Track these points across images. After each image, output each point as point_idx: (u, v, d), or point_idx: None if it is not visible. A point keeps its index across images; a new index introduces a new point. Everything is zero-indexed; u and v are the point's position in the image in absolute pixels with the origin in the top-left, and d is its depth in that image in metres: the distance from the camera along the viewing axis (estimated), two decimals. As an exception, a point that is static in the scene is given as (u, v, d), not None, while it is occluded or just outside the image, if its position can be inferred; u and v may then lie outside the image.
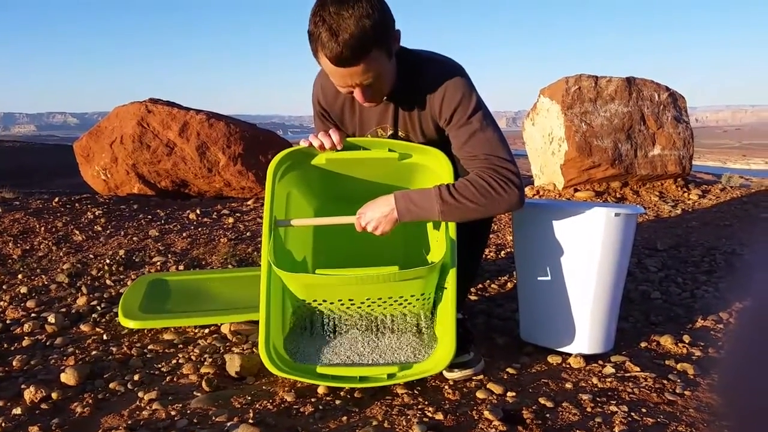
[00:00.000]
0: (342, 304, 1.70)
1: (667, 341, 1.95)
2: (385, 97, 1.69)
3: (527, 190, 4.81)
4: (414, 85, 1.67)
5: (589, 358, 1.80)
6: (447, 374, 1.69)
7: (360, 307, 1.72)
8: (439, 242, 1.77)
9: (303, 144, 1.73)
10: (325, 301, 1.70)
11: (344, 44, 1.42)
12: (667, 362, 1.80)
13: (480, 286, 2.55)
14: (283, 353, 1.66)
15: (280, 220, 1.77)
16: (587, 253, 1.74)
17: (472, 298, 2.41)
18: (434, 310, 1.79)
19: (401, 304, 1.70)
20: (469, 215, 1.61)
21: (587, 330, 1.80)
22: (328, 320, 1.75)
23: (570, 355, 1.82)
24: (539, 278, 1.85)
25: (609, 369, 1.74)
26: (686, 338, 1.96)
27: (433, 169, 1.75)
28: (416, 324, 1.77)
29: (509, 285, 2.55)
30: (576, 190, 4.58)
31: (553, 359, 1.82)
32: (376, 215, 1.64)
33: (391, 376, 1.59)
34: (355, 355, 1.68)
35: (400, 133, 1.79)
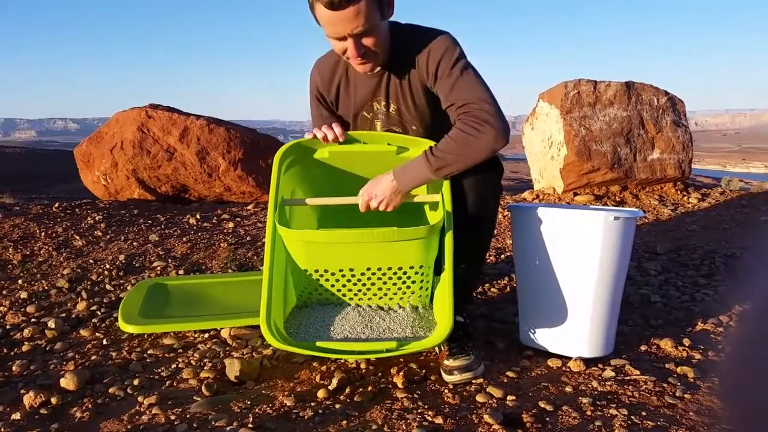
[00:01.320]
0: (343, 275, 1.72)
1: (667, 344, 1.95)
2: (378, 68, 1.78)
3: (527, 194, 4.81)
4: (403, 54, 1.76)
5: (589, 362, 1.80)
6: (447, 378, 1.69)
7: (360, 280, 1.73)
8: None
9: (308, 137, 1.82)
10: (326, 271, 1.71)
11: None
12: (667, 365, 1.80)
13: (480, 289, 2.55)
14: (282, 331, 1.68)
15: (287, 199, 1.84)
16: (587, 257, 1.74)
17: (473, 301, 2.41)
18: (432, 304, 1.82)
19: (400, 278, 1.72)
20: (457, 166, 1.67)
21: (587, 333, 1.80)
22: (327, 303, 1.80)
23: (570, 358, 1.82)
24: (539, 282, 1.85)
25: (609, 372, 1.73)
26: (686, 341, 1.96)
27: None
28: (415, 309, 1.81)
29: (509, 289, 2.55)
30: (576, 194, 4.58)
31: (553, 363, 1.81)
32: (381, 191, 1.71)
33: (389, 350, 1.60)
34: (353, 335, 1.71)
35: (391, 105, 1.86)
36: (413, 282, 1.74)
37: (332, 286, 1.76)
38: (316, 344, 1.62)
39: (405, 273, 1.71)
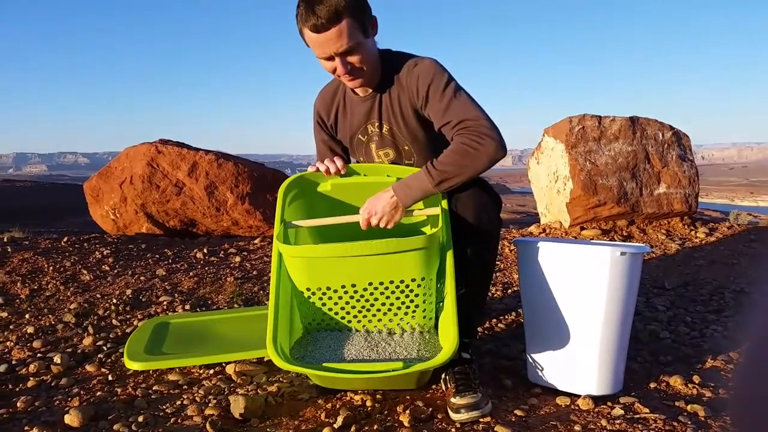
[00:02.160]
0: (345, 292, 1.71)
1: (676, 382, 1.92)
2: (370, 89, 1.91)
3: (533, 228, 4.81)
4: (393, 77, 1.88)
5: (598, 400, 1.77)
6: (454, 416, 1.67)
7: (363, 296, 1.72)
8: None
9: (311, 170, 1.91)
10: (329, 289, 1.71)
11: (319, 11, 1.66)
12: (677, 403, 1.77)
13: (487, 325, 2.54)
14: (288, 354, 1.68)
15: (290, 222, 1.88)
16: (594, 293, 1.74)
17: (479, 337, 2.39)
18: (436, 322, 1.83)
19: (403, 291, 1.71)
20: (459, 179, 1.73)
21: (595, 371, 1.78)
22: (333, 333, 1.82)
23: (579, 396, 1.79)
24: (546, 318, 1.84)
25: (618, 410, 1.71)
26: (696, 379, 1.94)
27: None
28: (420, 334, 1.81)
29: (516, 324, 2.54)
30: (582, 228, 4.57)
31: (561, 401, 1.79)
32: (381, 207, 1.75)
33: (395, 370, 1.58)
34: (359, 357, 1.72)
35: (384, 126, 1.95)
36: (416, 295, 1.73)
37: (335, 304, 1.75)
38: (323, 365, 1.63)
39: (408, 286, 1.70)
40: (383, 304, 1.75)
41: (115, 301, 2.90)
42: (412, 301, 1.74)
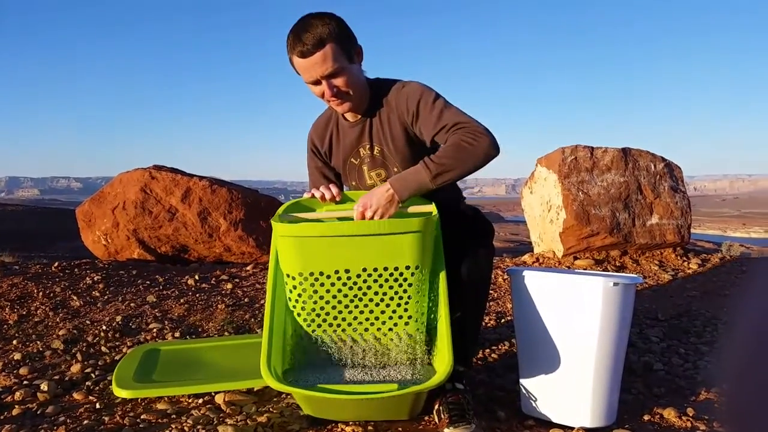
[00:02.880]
0: (339, 278, 1.68)
1: (670, 414, 1.91)
2: (359, 115, 1.99)
3: (527, 257, 4.81)
4: (381, 100, 1.96)
5: (591, 432, 1.76)
6: (447, 447, 1.65)
7: (356, 283, 1.69)
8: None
9: (306, 196, 1.94)
10: (321, 274, 1.68)
11: (305, 39, 1.77)
12: (671, 437, 1.75)
13: (480, 355, 2.52)
14: (281, 377, 1.66)
15: (283, 215, 1.89)
16: (587, 324, 1.73)
17: (473, 367, 2.37)
18: (430, 349, 1.82)
19: (396, 279, 1.68)
20: (455, 172, 1.78)
21: (589, 402, 1.77)
22: (326, 348, 1.80)
23: (572, 428, 1.78)
24: (539, 349, 1.83)
25: (612, 444, 1.69)
26: (690, 411, 1.92)
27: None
28: (414, 361, 1.80)
29: (510, 354, 2.52)
30: (576, 258, 4.58)
31: (554, 433, 1.77)
32: (376, 200, 1.77)
33: (390, 392, 1.57)
34: (353, 380, 1.71)
35: (375, 148, 2.00)
36: (410, 285, 1.69)
37: (327, 291, 1.70)
38: (317, 386, 1.61)
39: (401, 274, 1.67)
40: (376, 293, 1.71)
41: (104, 327, 2.87)
42: (405, 291, 1.70)
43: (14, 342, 2.70)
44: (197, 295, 3.55)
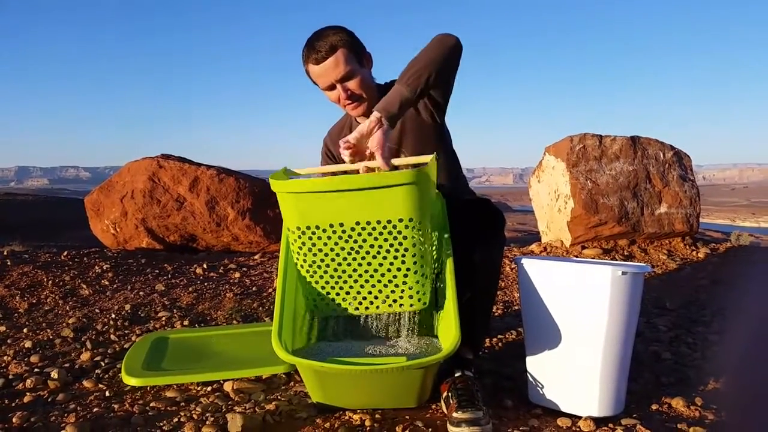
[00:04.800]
0: (334, 232, 1.69)
1: (678, 404, 1.90)
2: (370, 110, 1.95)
3: (534, 247, 4.80)
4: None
5: (599, 421, 1.76)
6: (454, 430, 1.65)
7: (351, 236, 1.69)
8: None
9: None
10: (318, 228, 1.69)
11: (319, 47, 1.91)
12: (679, 425, 1.75)
13: (488, 344, 2.52)
14: (290, 351, 1.70)
15: (289, 170, 1.95)
16: (594, 313, 1.73)
17: (481, 356, 2.37)
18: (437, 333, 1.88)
19: (390, 232, 1.66)
20: (428, 70, 1.78)
21: (597, 392, 1.76)
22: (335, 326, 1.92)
23: (580, 417, 1.78)
24: (547, 338, 1.83)
25: (620, 432, 1.69)
26: (698, 401, 1.92)
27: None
28: (421, 339, 1.89)
29: (517, 343, 2.52)
30: (584, 247, 4.57)
31: (562, 422, 1.77)
32: (367, 125, 1.72)
33: (399, 364, 1.58)
34: (362, 356, 1.79)
35: (390, 148, 1.95)
36: (405, 238, 1.67)
37: (325, 245, 1.71)
38: (326, 359, 1.65)
39: (395, 227, 1.66)
40: (372, 246, 1.70)
41: (113, 316, 2.89)
42: (401, 243, 1.68)
43: (25, 330, 2.72)
44: (206, 284, 3.57)
